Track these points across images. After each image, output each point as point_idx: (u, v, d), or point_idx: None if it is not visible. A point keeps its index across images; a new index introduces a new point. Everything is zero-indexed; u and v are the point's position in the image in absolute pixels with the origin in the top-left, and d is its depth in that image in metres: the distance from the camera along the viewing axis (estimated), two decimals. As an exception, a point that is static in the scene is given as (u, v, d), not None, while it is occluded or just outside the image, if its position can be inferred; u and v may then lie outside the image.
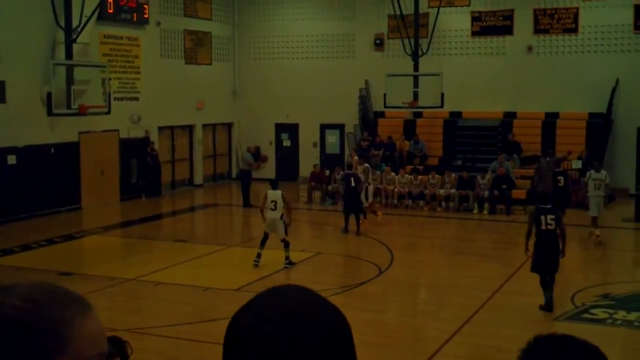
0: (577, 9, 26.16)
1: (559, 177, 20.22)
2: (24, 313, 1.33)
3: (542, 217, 12.49)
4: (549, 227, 12.47)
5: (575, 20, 26.20)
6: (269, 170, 30.19)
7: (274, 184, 16.25)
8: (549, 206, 12.78)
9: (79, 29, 21.56)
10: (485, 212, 22.82)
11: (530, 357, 1.65)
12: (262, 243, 15.85)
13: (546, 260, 12.52)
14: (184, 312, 12.99)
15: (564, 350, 1.63)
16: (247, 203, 23.85)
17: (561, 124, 25.84)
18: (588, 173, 19.05)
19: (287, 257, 15.85)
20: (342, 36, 29.53)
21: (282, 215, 15.76)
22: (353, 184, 19.80)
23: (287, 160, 30.47)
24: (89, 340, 1.38)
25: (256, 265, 15.72)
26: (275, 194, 15.84)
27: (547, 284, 12.55)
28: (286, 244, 15.82)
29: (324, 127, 30.13)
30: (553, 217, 12.52)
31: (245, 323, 1.34)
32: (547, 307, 12.51)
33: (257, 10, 30.78)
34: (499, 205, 22.75)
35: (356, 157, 23.90)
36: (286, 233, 15.79)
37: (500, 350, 10.37)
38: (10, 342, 1.31)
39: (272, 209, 15.78)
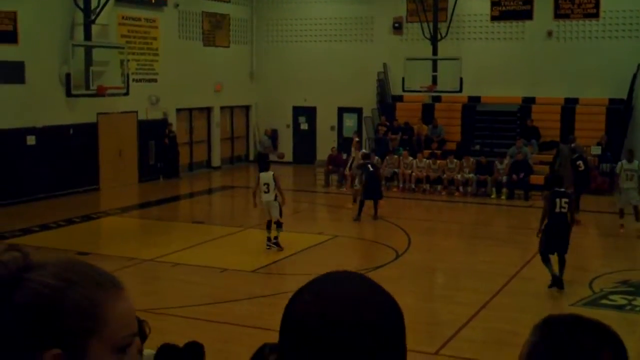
0: (599, -7, 25.88)
1: (578, 162, 19.78)
2: (57, 292, 1.33)
3: (557, 200, 12.78)
4: (562, 210, 12.77)
5: (597, 4, 25.89)
6: (286, 153, 30.16)
7: (266, 165, 16.26)
8: (563, 189, 13.10)
9: (98, 10, 21.60)
10: (503, 197, 22.72)
11: (542, 337, 1.62)
12: (268, 227, 15.84)
13: (556, 241, 12.78)
14: (201, 292, 13.04)
15: (575, 330, 1.60)
16: None
17: (580, 109, 25.63)
18: (620, 163, 18.29)
19: (275, 237, 15.72)
20: (360, 19, 29.39)
21: (275, 196, 15.68)
22: (372, 169, 19.77)
23: (305, 143, 30.44)
24: (121, 321, 1.39)
25: (269, 248, 15.77)
26: (267, 176, 15.73)
27: (549, 261, 12.84)
28: (278, 225, 15.73)
29: (341, 111, 30.07)
30: (567, 200, 12.85)
31: (306, 301, 1.36)
32: (555, 282, 12.72)
33: (276, -7, 30.70)
34: (517, 190, 22.65)
35: (357, 139, 23.97)
36: (280, 214, 15.73)
37: (517, 334, 10.31)
38: (43, 321, 1.31)
39: (265, 192, 15.67)
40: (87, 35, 21.59)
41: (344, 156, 25.45)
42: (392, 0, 28.70)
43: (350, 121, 30.00)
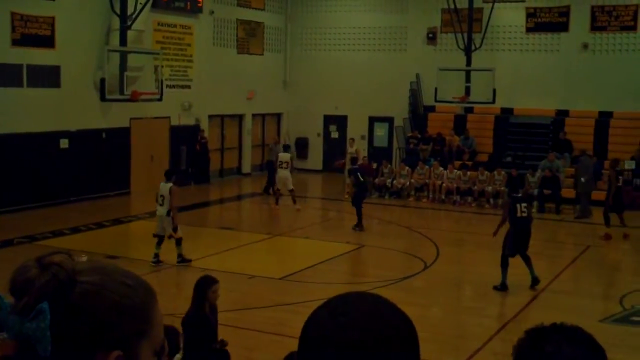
0: (637, 6, 25.58)
1: (619, 177, 19.46)
2: (116, 294, 1.37)
3: (518, 205, 13.60)
4: (523, 214, 13.61)
5: (635, 17, 25.64)
6: (316, 161, 30.31)
7: (167, 176, 14.91)
8: (520, 195, 14.01)
9: (134, 16, 21.78)
10: (534, 210, 22.45)
11: (523, 349, 1.68)
12: (158, 243, 14.83)
13: (521, 243, 13.59)
14: (229, 299, 13.03)
15: (554, 338, 1.65)
16: (266, 190, 24.52)
17: (615, 123, 25.34)
18: None
19: (179, 255, 14.92)
20: (394, 29, 29.37)
21: (169, 211, 14.56)
22: (362, 179, 19.70)
23: (335, 152, 30.42)
24: (160, 325, 1.44)
25: (154, 264, 14.76)
26: (163, 188, 14.60)
27: (508, 266, 13.53)
28: (177, 242, 14.79)
29: (372, 120, 30.04)
30: (526, 205, 13.79)
31: (323, 314, 1.42)
32: (503, 286, 13.51)
33: (310, 2, 30.77)
34: (547, 204, 22.42)
35: (356, 148, 24.87)
36: (174, 230, 14.59)
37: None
38: (103, 323, 1.33)
39: (160, 204, 14.58)
40: (123, 41, 21.78)
41: (374, 165, 25.46)
42: (426, 11, 28.66)
43: (381, 130, 29.96)
